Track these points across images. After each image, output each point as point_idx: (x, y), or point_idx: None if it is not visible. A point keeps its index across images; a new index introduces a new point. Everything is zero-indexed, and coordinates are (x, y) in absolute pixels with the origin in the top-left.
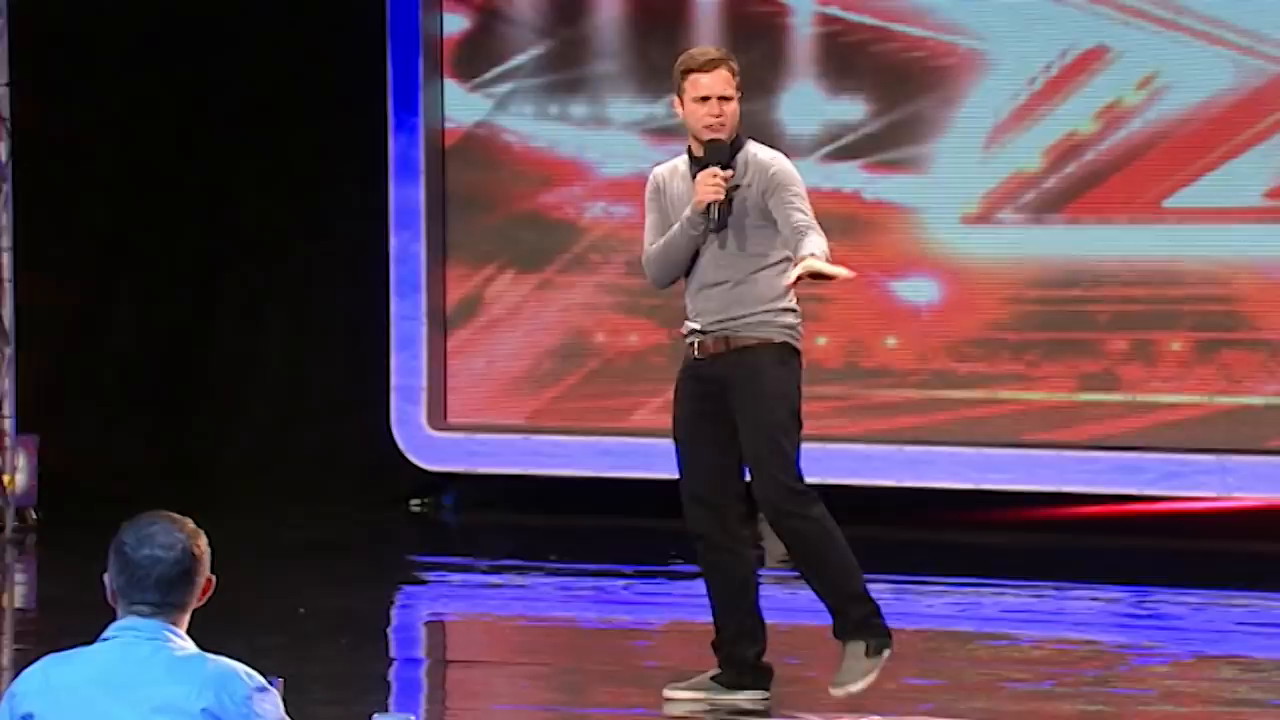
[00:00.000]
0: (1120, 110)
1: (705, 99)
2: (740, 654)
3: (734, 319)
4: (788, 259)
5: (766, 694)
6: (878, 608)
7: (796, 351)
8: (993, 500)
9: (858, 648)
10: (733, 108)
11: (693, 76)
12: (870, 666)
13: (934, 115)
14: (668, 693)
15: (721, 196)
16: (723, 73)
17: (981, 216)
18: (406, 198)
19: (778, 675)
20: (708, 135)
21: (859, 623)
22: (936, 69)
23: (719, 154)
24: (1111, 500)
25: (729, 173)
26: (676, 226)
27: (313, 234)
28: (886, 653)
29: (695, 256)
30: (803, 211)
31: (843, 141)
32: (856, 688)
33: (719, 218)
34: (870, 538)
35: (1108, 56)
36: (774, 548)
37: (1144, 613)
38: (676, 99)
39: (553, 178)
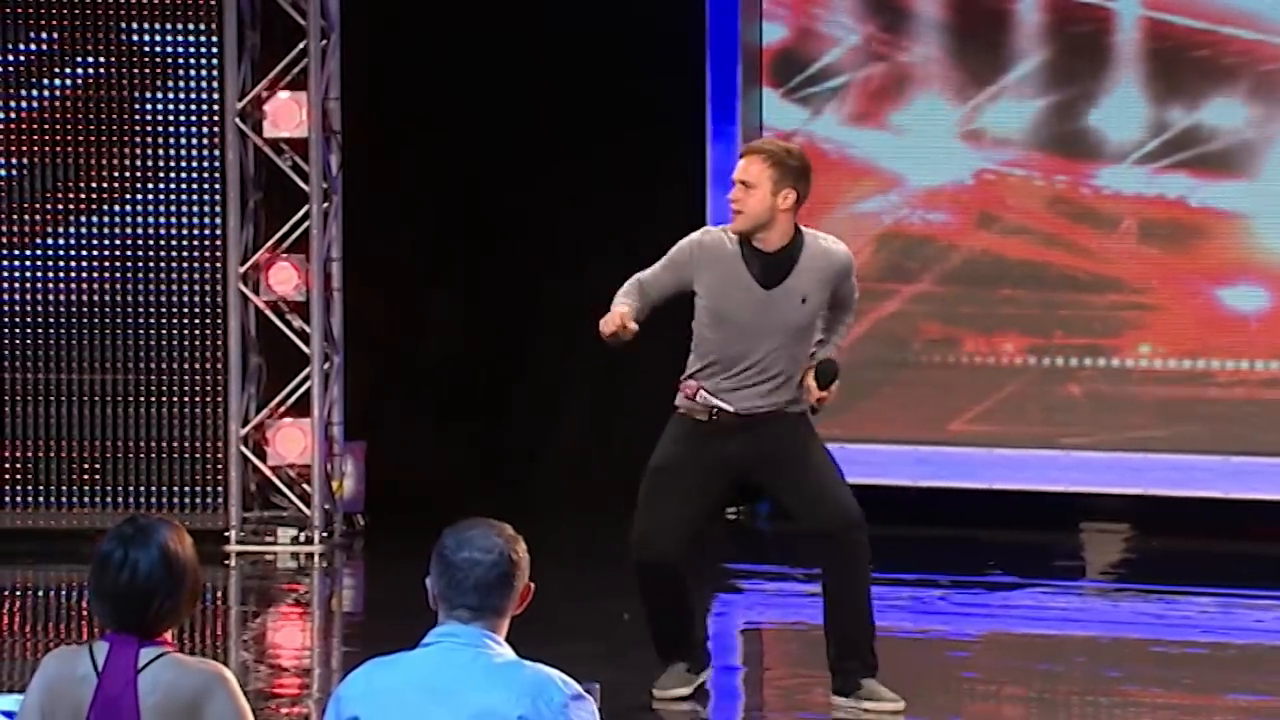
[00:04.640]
0: None
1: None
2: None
3: (777, 404)
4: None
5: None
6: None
7: None
8: None
9: (874, 684)
10: (755, 196)
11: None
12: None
13: (1264, 120)
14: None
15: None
16: (749, 161)
17: None
18: (724, 205)
19: (1096, 687)
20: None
21: (870, 660)
22: (1266, 72)
23: (824, 374)
24: None
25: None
26: None
27: (630, 241)
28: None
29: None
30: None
31: (1169, 146)
32: (894, 707)
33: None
34: (1196, 550)
35: None
36: (1094, 560)
37: None
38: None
39: (869, 185)
